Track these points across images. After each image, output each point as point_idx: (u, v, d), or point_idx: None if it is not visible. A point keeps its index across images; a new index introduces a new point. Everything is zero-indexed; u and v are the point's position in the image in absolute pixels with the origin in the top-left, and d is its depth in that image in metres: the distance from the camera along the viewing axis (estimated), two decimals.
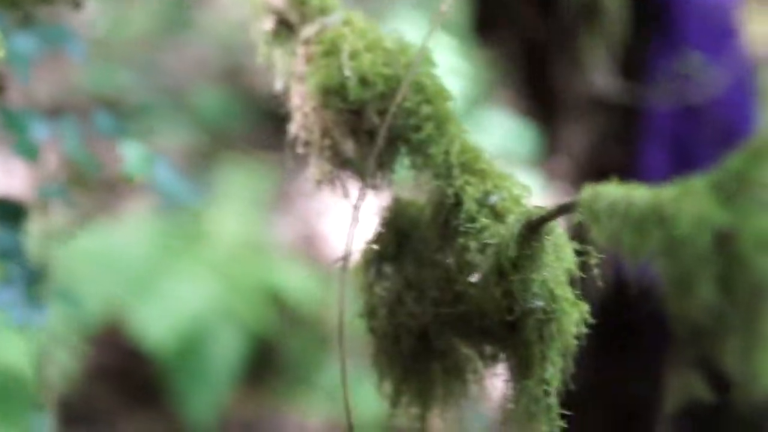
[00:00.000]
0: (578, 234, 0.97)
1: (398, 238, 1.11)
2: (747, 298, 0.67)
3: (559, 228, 1.01)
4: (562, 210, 0.89)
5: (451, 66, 4.94)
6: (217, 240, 4.39)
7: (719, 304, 0.68)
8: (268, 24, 1.16)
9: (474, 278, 1.02)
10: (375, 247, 1.11)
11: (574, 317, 1.03)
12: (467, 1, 2.78)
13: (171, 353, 3.89)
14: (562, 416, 1.05)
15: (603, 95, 2.57)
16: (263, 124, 4.87)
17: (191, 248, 4.31)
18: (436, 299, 1.08)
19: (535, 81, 2.74)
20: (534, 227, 0.96)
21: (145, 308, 3.92)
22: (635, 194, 0.78)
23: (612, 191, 0.82)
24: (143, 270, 4.07)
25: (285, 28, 1.16)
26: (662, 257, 0.72)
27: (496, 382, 1.10)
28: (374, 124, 1.09)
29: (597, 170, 2.71)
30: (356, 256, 1.12)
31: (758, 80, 3.24)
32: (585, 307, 1.03)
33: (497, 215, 1.04)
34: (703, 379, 2.47)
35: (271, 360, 4.29)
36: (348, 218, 1.12)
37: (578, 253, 1.00)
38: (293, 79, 1.14)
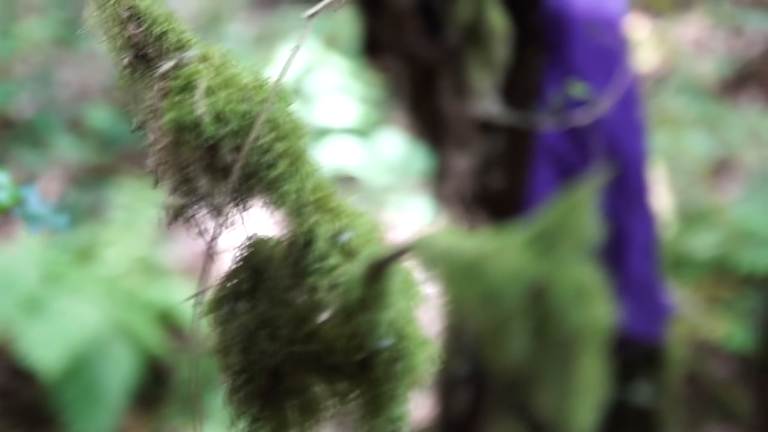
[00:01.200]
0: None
1: (253, 275, 1.11)
2: (560, 349, 0.68)
3: (407, 267, 1.01)
4: (400, 253, 0.90)
5: (344, 87, 4.96)
6: (112, 259, 4.35)
7: (533, 354, 0.69)
8: (126, 58, 1.15)
9: (324, 317, 1.03)
10: (229, 284, 1.11)
11: (423, 355, 1.04)
12: (356, 24, 2.79)
13: (61, 373, 3.83)
14: None
15: (489, 119, 2.58)
16: None
17: (84, 267, 4.26)
18: (289, 337, 1.08)
19: (422, 105, 2.76)
20: (378, 268, 0.96)
21: (34, 328, 3.86)
22: (464, 244, 0.79)
23: (445, 238, 0.83)
24: (34, 290, 4.01)
25: (143, 62, 1.15)
26: (480, 308, 0.73)
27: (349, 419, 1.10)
28: (229, 161, 1.08)
29: (482, 193, 2.73)
30: (210, 293, 1.12)
31: (645, 94, 3.28)
32: (434, 345, 1.04)
33: (348, 254, 1.04)
34: (521, 425, 2.50)
35: (165, 382, 4.25)
36: (220, 248, 1.12)
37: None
38: (150, 114, 1.13)
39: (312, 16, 1.10)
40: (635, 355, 3.42)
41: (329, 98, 4.88)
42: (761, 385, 4.26)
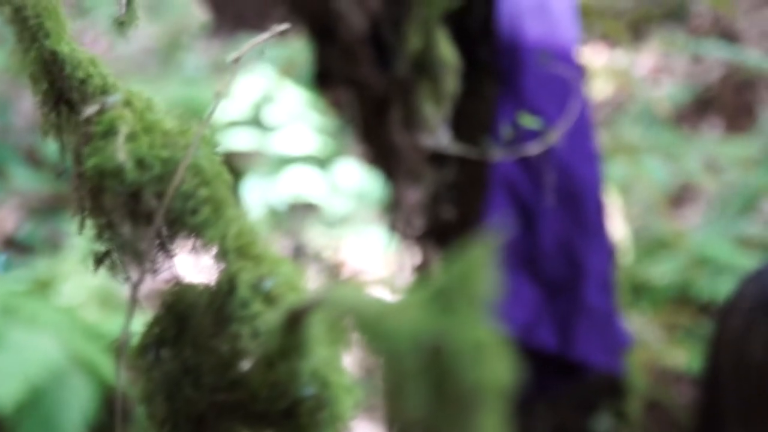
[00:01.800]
0: None
1: (177, 322, 1.10)
2: (458, 408, 0.68)
3: (333, 312, 1.01)
4: (315, 304, 0.89)
5: (303, 115, 4.95)
6: (69, 290, 4.32)
7: (433, 413, 0.68)
8: (48, 102, 1.14)
9: (246, 366, 1.02)
10: (153, 331, 1.10)
11: (348, 403, 1.03)
12: (309, 55, 2.79)
13: (18, 406, 3.79)
14: None
15: (440, 149, 2.58)
16: None
17: (42, 299, 4.23)
18: (213, 385, 1.07)
19: (374, 135, 2.75)
20: (297, 317, 0.95)
21: None
22: (368, 300, 0.78)
23: (356, 293, 0.82)
24: None
25: (67, 107, 1.14)
26: (382, 365, 0.73)
27: None
28: (152, 207, 1.07)
29: (434, 224, 2.73)
30: (135, 340, 1.11)
31: (601, 123, 3.28)
32: (358, 392, 1.03)
33: (270, 301, 1.03)
34: None
35: (124, 415, 4.20)
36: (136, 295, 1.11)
37: None
38: (72, 160, 1.12)
39: (236, 60, 1.09)
40: (595, 385, 3.42)
41: (288, 127, 4.88)
42: None
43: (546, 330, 2.91)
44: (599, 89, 4.13)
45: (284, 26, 1.13)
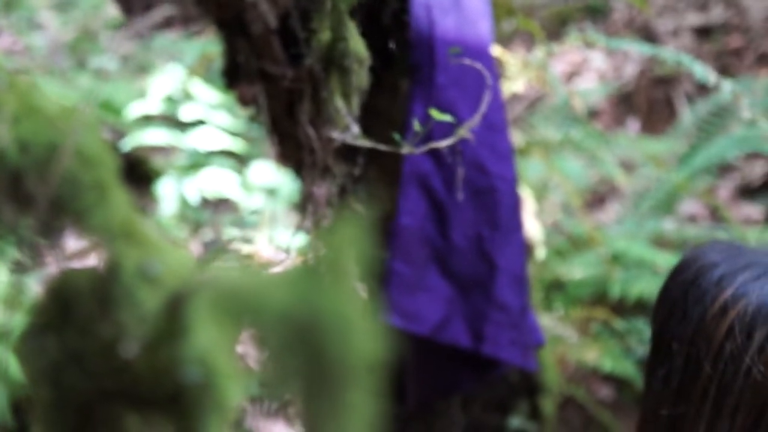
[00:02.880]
0: None
1: (62, 308, 1.08)
2: (328, 385, 0.67)
3: (216, 294, 0.99)
4: (197, 287, 0.88)
5: (220, 111, 4.93)
6: None
7: (306, 390, 0.68)
8: None
9: (130, 351, 1.00)
10: (37, 318, 1.08)
11: (233, 390, 1.01)
12: (220, 48, 2.77)
13: None
14: None
15: (350, 143, 2.57)
16: None
17: None
18: (98, 371, 1.06)
19: (283, 130, 2.73)
20: (178, 302, 0.94)
21: None
22: (251, 279, 0.78)
23: (238, 273, 0.81)
24: None
25: None
26: (257, 344, 0.72)
27: None
28: (35, 192, 1.05)
29: (341, 219, 2.72)
30: (19, 327, 1.09)
31: (515, 120, 3.29)
32: (244, 379, 1.02)
33: (156, 286, 1.02)
34: None
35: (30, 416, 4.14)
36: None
37: None
38: None
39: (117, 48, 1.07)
40: (509, 382, 3.43)
41: (202, 123, 4.85)
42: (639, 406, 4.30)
43: (458, 326, 2.91)
44: (514, 85, 4.14)
45: (167, 13, 1.11)
